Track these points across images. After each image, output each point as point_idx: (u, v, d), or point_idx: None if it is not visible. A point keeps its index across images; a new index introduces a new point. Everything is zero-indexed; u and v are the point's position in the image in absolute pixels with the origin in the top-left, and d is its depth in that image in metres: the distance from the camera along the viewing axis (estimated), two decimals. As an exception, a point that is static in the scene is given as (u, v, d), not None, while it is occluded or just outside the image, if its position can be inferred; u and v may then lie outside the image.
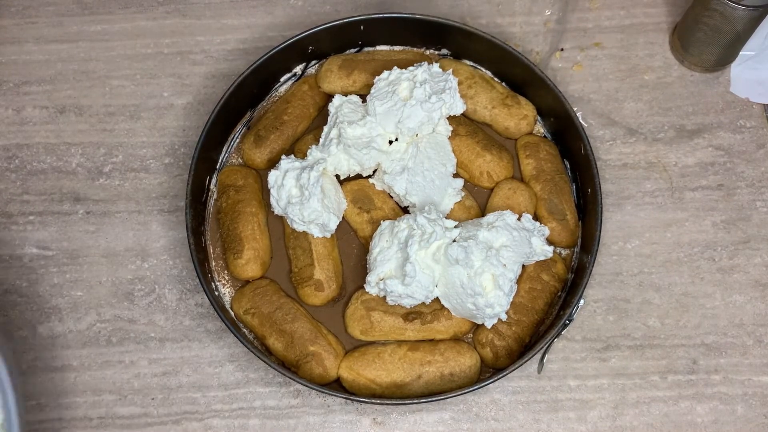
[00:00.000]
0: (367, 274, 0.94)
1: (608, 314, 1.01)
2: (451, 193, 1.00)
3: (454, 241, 0.92)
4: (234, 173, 1.03)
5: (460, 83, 1.04)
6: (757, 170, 1.07)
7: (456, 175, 1.02)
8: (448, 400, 0.92)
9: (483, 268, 0.90)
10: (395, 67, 1.01)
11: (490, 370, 0.96)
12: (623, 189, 1.06)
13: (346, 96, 1.02)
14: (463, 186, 1.02)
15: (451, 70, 1.02)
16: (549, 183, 1.01)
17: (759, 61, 1.11)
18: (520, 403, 0.97)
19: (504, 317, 0.92)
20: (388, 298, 0.93)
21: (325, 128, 1.01)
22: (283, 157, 0.98)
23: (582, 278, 0.95)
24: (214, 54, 1.14)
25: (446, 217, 0.99)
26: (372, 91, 1.00)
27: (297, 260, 0.99)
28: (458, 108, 1.02)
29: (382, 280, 0.93)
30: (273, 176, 0.97)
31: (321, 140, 1.00)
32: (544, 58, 1.14)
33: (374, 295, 0.95)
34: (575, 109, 1.04)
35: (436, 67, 1.01)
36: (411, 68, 1.00)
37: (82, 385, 0.98)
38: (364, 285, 0.95)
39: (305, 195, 0.94)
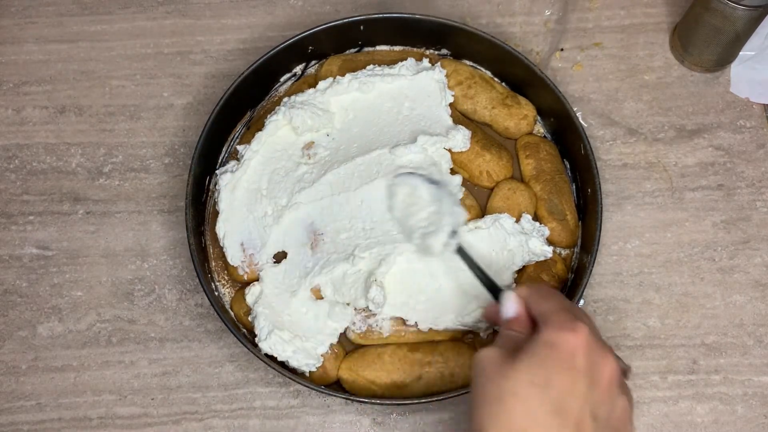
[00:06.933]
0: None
1: (608, 314, 1.01)
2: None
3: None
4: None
5: (459, 83, 1.04)
6: (757, 170, 1.07)
7: (453, 172, 1.01)
8: (448, 400, 0.92)
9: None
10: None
11: (490, 370, 0.96)
12: (623, 189, 1.06)
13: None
14: (464, 185, 1.02)
15: (438, 64, 1.04)
16: (549, 183, 1.01)
17: (759, 61, 1.11)
18: (520, 403, 0.97)
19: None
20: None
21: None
22: None
23: (582, 278, 0.95)
24: (214, 54, 1.14)
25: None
26: None
27: (297, 261, 0.99)
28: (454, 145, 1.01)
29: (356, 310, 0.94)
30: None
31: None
32: (544, 58, 1.13)
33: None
34: (575, 109, 1.04)
35: (425, 62, 1.03)
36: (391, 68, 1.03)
37: (82, 385, 0.98)
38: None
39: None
